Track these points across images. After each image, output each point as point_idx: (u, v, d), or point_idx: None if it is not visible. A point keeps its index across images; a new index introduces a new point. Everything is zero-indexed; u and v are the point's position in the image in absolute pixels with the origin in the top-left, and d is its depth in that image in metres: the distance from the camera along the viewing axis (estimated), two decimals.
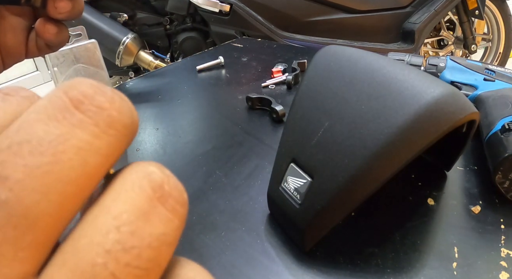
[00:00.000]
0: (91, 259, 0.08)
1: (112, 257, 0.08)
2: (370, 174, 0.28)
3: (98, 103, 0.10)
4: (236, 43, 0.91)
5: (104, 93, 0.10)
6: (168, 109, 0.61)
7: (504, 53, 2.08)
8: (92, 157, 0.09)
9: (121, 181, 0.10)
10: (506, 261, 0.30)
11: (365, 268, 0.31)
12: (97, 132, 0.09)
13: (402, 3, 1.72)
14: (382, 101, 0.29)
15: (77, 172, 0.09)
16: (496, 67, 0.50)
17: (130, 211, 0.09)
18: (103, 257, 0.08)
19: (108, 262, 0.08)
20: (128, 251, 0.09)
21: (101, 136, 0.09)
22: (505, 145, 0.35)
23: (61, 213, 0.09)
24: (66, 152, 0.09)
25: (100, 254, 0.08)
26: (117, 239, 0.09)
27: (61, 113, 0.09)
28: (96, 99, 0.10)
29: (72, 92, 0.09)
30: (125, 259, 0.09)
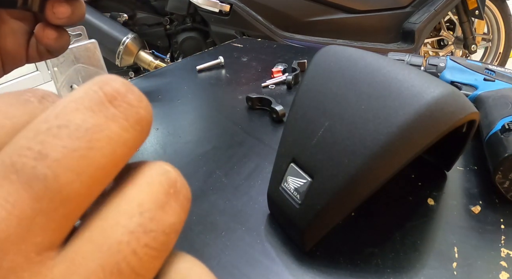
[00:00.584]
0: (117, 237, 0.10)
1: (135, 237, 0.10)
2: (370, 174, 0.28)
3: (129, 100, 0.11)
4: (236, 43, 0.91)
5: (134, 92, 0.11)
6: (168, 109, 0.61)
7: (504, 53, 2.08)
8: (120, 148, 0.10)
9: (143, 175, 0.11)
10: (506, 261, 0.30)
11: (365, 268, 0.31)
12: (127, 126, 0.10)
13: (402, 3, 1.72)
14: (382, 101, 0.29)
15: (107, 159, 0.10)
16: (496, 67, 0.50)
17: (151, 201, 0.11)
18: (127, 236, 0.10)
19: (131, 241, 0.10)
20: (147, 233, 0.10)
21: (129, 130, 0.10)
22: (505, 145, 0.35)
23: (89, 194, 0.10)
24: (100, 141, 0.10)
25: (125, 234, 0.10)
26: (139, 222, 0.10)
27: (97, 106, 0.10)
28: (127, 96, 0.11)
29: (107, 88, 0.11)
30: (144, 240, 0.10)
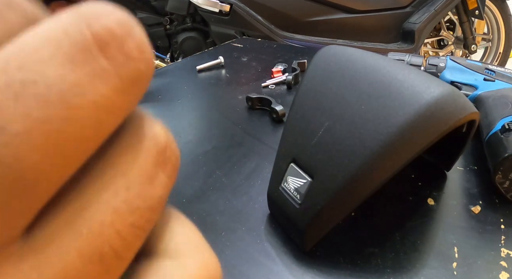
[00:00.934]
0: (99, 217, 0.08)
1: (119, 216, 0.08)
2: (370, 174, 0.28)
3: (127, 49, 0.08)
4: (236, 43, 0.91)
5: (135, 36, 0.08)
6: (168, 109, 0.61)
7: (504, 53, 2.08)
8: (107, 118, 0.08)
9: (130, 140, 0.09)
10: (506, 261, 0.30)
11: (365, 268, 0.31)
12: (120, 87, 0.08)
13: (402, 3, 1.73)
14: (382, 101, 0.29)
15: (88, 133, 0.07)
16: (496, 67, 0.50)
17: (139, 173, 0.09)
18: (111, 216, 0.08)
19: (115, 221, 0.08)
20: (133, 211, 0.09)
21: (122, 92, 0.08)
22: (505, 145, 0.35)
23: (61, 178, 0.08)
24: (82, 108, 0.07)
25: (108, 213, 0.08)
26: (125, 199, 0.08)
27: (81, 54, 0.07)
28: (126, 43, 0.08)
29: (98, 27, 0.07)
30: (130, 219, 0.08)
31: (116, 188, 0.08)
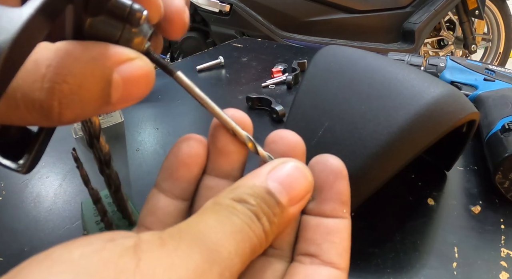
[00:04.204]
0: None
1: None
2: (370, 174, 0.28)
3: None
4: (236, 43, 0.91)
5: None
6: (168, 109, 0.61)
7: (504, 53, 2.08)
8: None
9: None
10: (506, 261, 0.30)
11: (365, 268, 0.31)
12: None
13: (402, 3, 1.72)
14: (382, 101, 0.29)
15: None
16: (496, 67, 0.50)
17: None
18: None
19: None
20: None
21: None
22: (505, 145, 0.35)
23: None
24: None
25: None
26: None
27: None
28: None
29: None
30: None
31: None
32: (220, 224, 0.13)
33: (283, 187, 0.14)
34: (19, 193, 0.43)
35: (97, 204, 0.30)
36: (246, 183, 0.15)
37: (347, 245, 0.16)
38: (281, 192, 0.14)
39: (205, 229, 0.13)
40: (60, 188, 0.43)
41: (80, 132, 0.53)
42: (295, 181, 0.14)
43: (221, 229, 0.13)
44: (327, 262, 0.15)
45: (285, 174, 0.14)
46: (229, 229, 0.13)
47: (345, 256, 0.15)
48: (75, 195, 0.42)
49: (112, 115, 0.55)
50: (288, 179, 0.14)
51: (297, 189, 0.14)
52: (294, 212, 0.15)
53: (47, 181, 0.45)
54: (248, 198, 0.14)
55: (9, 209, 0.40)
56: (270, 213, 0.14)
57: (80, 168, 0.29)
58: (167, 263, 0.11)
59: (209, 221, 0.13)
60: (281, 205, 0.14)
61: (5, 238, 0.37)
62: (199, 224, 0.13)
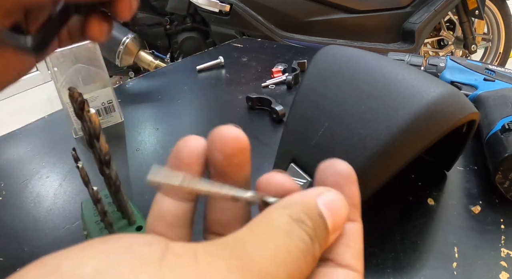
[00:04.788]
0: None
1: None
2: (370, 174, 0.28)
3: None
4: (236, 43, 0.91)
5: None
6: (168, 109, 0.61)
7: (504, 53, 2.08)
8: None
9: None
10: (506, 261, 0.30)
11: (365, 268, 0.31)
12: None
13: (402, 3, 1.72)
14: (382, 101, 0.29)
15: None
16: (496, 67, 0.50)
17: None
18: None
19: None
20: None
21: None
22: (505, 145, 0.35)
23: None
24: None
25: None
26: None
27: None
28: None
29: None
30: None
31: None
32: (274, 250, 0.12)
33: (330, 212, 0.14)
34: (19, 193, 0.43)
35: (97, 204, 0.30)
36: (297, 200, 0.14)
37: (361, 248, 0.16)
38: (329, 217, 0.14)
39: (254, 252, 0.12)
40: (60, 188, 0.43)
41: (80, 132, 0.53)
42: (338, 208, 0.14)
43: (274, 256, 0.12)
44: (344, 265, 0.15)
45: (331, 200, 0.14)
46: (283, 258, 0.12)
47: (359, 259, 0.16)
48: (75, 195, 0.42)
49: (112, 115, 0.55)
50: (334, 205, 0.14)
51: (340, 217, 0.14)
52: (333, 239, 0.14)
53: (47, 181, 0.45)
54: (305, 218, 0.13)
55: (9, 209, 0.40)
56: (322, 237, 0.14)
57: (80, 168, 0.29)
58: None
59: (260, 243, 0.12)
60: (328, 230, 0.14)
61: (5, 238, 0.37)
62: (248, 244, 0.12)
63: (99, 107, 0.53)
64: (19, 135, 0.55)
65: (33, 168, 0.47)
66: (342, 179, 0.16)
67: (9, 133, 0.56)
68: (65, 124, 0.56)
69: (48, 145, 0.52)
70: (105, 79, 0.52)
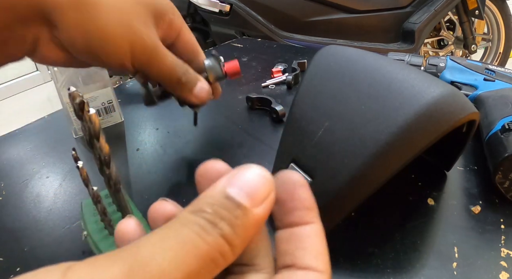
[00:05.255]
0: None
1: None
2: (370, 174, 0.28)
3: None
4: (236, 43, 0.91)
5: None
6: (168, 109, 0.60)
7: (504, 53, 2.08)
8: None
9: None
10: (506, 261, 0.30)
11: (365, 268, 0.31)
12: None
13: (402, 3, 1.73)
14: (382, 101, 0.29)
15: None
16: (496, 67, 0.50)
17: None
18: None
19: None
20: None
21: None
22: (505, 145, 0.35)
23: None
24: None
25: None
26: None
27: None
28: None
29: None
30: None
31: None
32: (163, 238, 0.13)
33: (243, 190, 0.14)
34: (19, 193, 0.43)
35: (97, 204, 0.30)
36: (206, 194, 0.15)
37: (321, 248, 0.16)
38: (240, 195, 0.14)
39: (143, 244, 0.13)
40: (60, 188, 0.43)
41: (80, 132, 0.53)
42: (254, 183, 0.15)
43: (160, 243, 0.13)
44: (303, 267, 0.15)
45: (243, 178, 0.15)
46: (172, 242, 0.13)
47: (321, 258, 0.16)
48: (75, 195, 0.42)
49: (112, 115, 0.55)
50: (247, 181, 0.15)
51: (257, 190, 0.15)
52: (260, 213, 0.15)
53: (47, 181, 0.45)
54: (205, 206, 0.14)
55: (9, 209, 0.40)
56: (230, 216, 0.14)
57: (80, 168, 0.29)
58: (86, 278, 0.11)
59: (152, 236, 0.13)
60: (243, 207, 0.14)
61: (5, 238, 0.37)
62: (143, 245, 0.13)
63: (99, 107, 0.53)
64: (19, 135, 0.55)
65: (33, 168, 0.47)
66: (291, 185, 0.16)
67: (9, 133, 0.56)
68: (65, 124, 0.56)
69: (48, 145, 0.52)
70: (105, 79, 0.52)
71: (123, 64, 0.33)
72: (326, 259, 0.16)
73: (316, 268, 0.15)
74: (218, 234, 0.13)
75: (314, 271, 0.15)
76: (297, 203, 0.16)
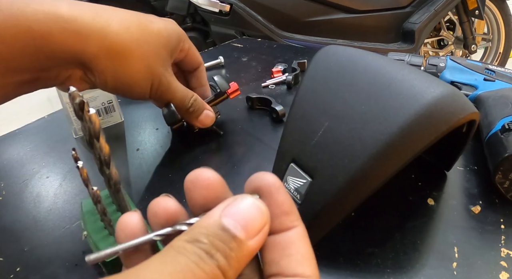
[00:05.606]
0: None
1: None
2: (370, 174, 0.28)
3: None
4: (236, 43, 0.91)
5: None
6: None
7: (504, 53, 2.08)
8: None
9: None
10: (506, 261, 0.30)
11: (365, 268, 0.31)
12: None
13: (402, 3, 1.73)
14: (382, 101, 0.29)
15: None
16: (496, 67, 0.50)
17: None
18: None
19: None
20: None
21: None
22: (505, 145, 0.35)
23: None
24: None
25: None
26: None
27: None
28: None
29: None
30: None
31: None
32: (161, 265, 0.13)
33: (238, 222, 0.15)
34: (19, 193, 0.43)
35: (97, 204, 0.30)
36: (200, 224, 0.15)
37: (306, 252, 0.16)
38: (236, 227, 0.14)
39: (142, 270, 0.13)
40: (60, 188, 0.43)
41: (80, 132, 0.53)
42: (249, 215, 0.15)
43: (160, 269, 0.13)
44: (291, 275, 0.15)
45: (239, 209, 0.15)
46: (170, 269, 0.13)
47: (306, 263, 0.16)
48: (75, 195, 0.42)
49: (112, 115, 0.55)
50: (242, 213, 0.15)
51: (252, 222, 0.15)
52: (255, 244, 0.15)
53: (47, 181, 0.45)
54: (201, 237, 0.14)
55: (9, 209, 0.40)
56: (225, 248, 0.14)
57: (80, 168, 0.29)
58: None
59: (151, 263, 0.13)
60: (238, 239, 0.14)
61: (5, 238, 0.37)
62: (141, 266, 0.13)
63: (99, 107, 0.53)
64: (19, 135, 0.55)
65: (33, 168, 0.47)
66: (266, 189, 0.16)
67: (9, 133, 0.56)
68: (65, 124, 0.56)
69: (48, 145, 0.52)
70: None
71: (142, 97, 0.41)
72: (313, 262, 0.16)
73: (304, 274, 0.15)
74: (215, 265, 0.13)
75: (302, 277, 0.15)
76: (275, 210, 0.16)
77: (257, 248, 0.15)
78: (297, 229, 0.16)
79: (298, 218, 0.17)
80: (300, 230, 0.16)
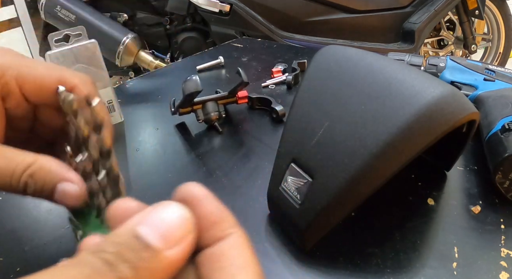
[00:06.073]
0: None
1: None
2: (370, 174, 0.28)
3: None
4: (236, 43, 0.91)
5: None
6: (168, 109, 0.60)
7: (504, 53, 2.08)
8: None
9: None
10: (506, 261, 0.30)
11: (365, 268, 0.31)
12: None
13: (402, 3, 1.72)
14: (382, 101, 0.29)
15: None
16: (496, 67, 0.50)
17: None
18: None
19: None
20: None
21: None
22: (505, 145, 0.35)
23: None
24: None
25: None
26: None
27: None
28: None
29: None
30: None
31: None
32: (61, 277, 0.12)
33: (155, 230, 0.13)
34: None
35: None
36: (115, 232, 0.14)
37: (242, 262, 0.15)
38: (151, 235, 0.13)
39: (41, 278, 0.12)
40: None
41: None
42: (169, 222, 0.14)
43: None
44: None
45: (158, 217, 0.14)
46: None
47: (243, 274, 0.14)
48: None
49: (112, 115, 0.55)
50: (161, 220, 0.14)
51: (172, 230, 0.14)
52: (175, 255, 0.13)
53: None
54: (107, 246, 0.13)
55: (9, 209, 0.40)
56: (134, 258, 0.13)
57: None
58: None
59: (39, 276, 0.12)
60: (152, 248, 0.13)
61: (5, 238, 0.37)
62: (45, 274, 0.12)
63: None
64: None
65: None
66: (191, 201, 0.15)
67: None
68: None
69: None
70: (105, 79, 0.52)
71: None
72: (251, 270, 0.15)
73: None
74: (114, 277, 0.12)
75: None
76: (204, 222, 0.15)
77: (179, 260, 0.14)
78: (230, 238, 0.15)
79: (232, 225, 0.15)
80: (234, 239, 0.15)
